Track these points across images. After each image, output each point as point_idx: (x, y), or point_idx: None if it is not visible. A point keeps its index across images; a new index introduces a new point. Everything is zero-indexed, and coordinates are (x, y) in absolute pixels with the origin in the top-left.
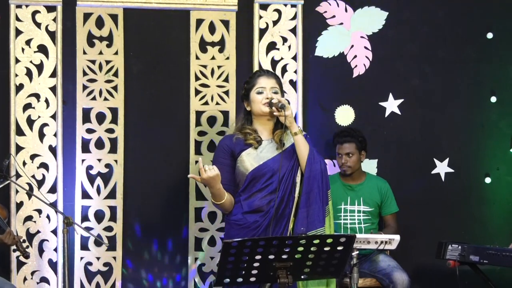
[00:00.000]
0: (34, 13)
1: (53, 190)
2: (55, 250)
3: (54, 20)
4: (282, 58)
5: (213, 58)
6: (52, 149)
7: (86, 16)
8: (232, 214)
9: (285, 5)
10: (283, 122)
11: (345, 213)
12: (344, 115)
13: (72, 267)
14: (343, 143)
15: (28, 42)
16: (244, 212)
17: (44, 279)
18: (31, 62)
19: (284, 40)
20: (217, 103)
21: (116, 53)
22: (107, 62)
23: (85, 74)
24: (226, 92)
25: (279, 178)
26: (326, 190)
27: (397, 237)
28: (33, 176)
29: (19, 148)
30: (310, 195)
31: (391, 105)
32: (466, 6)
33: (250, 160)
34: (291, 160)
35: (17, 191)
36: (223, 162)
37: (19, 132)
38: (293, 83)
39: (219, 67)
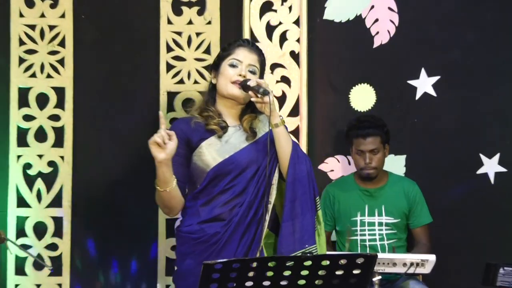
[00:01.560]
0: None
1: None
2: None
3: None
4: (280, 23)
5: (190, 22)
6: None
7: None
8: (184, 224)
9: None
10: (261, 111)
11: (362, 227)
12: (362, 98)
13: None
14: (366, 136)
15: None
16: (202, 221)
17: None
18: None
19: None
20: (196, 82)
21: (63, 15)
22: (51, 27)
23: (21, 43)
24: (207, 67)
25: (249, 177)
26: (315, 197)
27: (431, 258)
28: None
29: None
30: (296, 204)
31: (424, 84)
32: None
33: (212, 152)
34: (265, 154)
35: None
36: (176, 152)
37: None
38: (294, 56)
39: (198, 34)
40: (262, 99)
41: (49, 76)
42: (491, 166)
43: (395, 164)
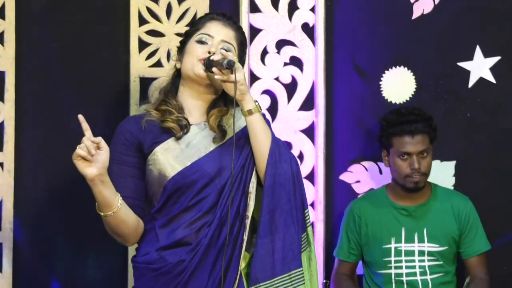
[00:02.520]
0: None
1: None
2: None
3: None
4: None
5: None
6: None
7: None
8: (140, 252)
9: None
10: (229, 93)
11: (397, 257)
12: (398, 86)
13: None
14: (414, 133)
15: None
16: (162, 247)
17: None
18: None
19: None
20: None
21: None
22: None
23: None
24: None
25: (219, 188)
26: (303, 209)
27: None
28: None
29: None
30: (276, 214)
31: (479, 66)
32: None
33: (169, 159)
34: (239, 156)
35: None
36: (124, 161)
37: None
38: (308, 30)
39: (180, 0)
40: (228, 77)
41: None
42: None
43: (441, 173)
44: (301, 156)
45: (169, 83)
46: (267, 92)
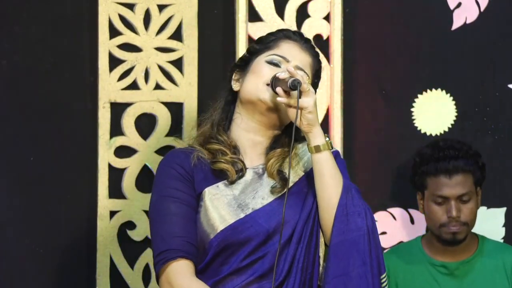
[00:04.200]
0: None
1: None
2: None
3: None
4: None
5: None
6: None
7: None
8: None
9: None
10: (297, 125)
11: None
12: (433, 113)
13: None
14: (453, 173)
15: None
16: None
17: None
18: None
19: None
20: (159, 87)
21: None
22: None
23: None
24: (178, 62)
25: (279, 247)
26: (379, 274)
27: None
28: None
29: None
30: (345, 280)
31: None
32: None
33: (219, 207)
34: (303, 206)
35: None
36: (184, 200)
37: None
38: (322, 44)
39: (161, 7)
40: (293, 100)
41: None
42: None
43: (489, 222)
44: None
45: (221, 112)
46: None
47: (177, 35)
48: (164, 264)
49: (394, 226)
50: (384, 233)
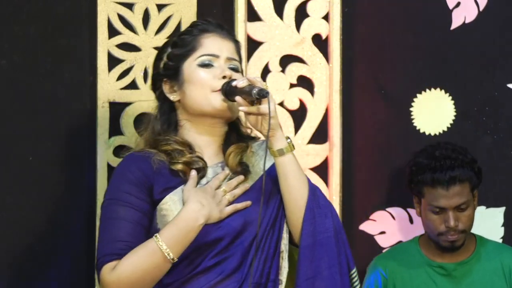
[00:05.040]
0: None
1: None
2: None
3: None
4: None
5: None
6: None
7: None
8: None
9: None
10: (256, 129)
11: None
12: (432, 113)
13: None
14: (450, 184)
15: None
16: None
17: None
18: None
19: None
20: None
21: None
22: None
23: None
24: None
25: (245, 246)
26: (349, 270)
27: None
28: None
29: None
30: (316, 283)
31: None
32: None
33: None
34: (269, 203)
35: None
36: (136, 206)
37: None
38: (320, 43)
39: (160, 6)
40: (257, 109)
41: None
42: None
43: (487, 222)
44: None
45: (161, 120)
46: None
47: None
48: (102, 268)
49: (393, 226)
50: (383, 232)
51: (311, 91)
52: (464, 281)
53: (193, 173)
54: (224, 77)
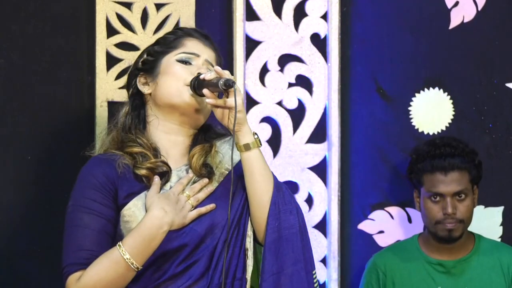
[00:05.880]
0: None
1: None
2: None
3: None
4: None
5: None
6: None
7: None
8: None
9: None
10: (222, 122)
11: None
12: (431, 112)
13: None
14: (448, 169)
15: None
16: None
17: None
18: None
19: None
20: None
21: None
22: None
23: None
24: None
25: (211, 249)
26: (311, 268)
27: None
28: None
29: None
30: (281, 278)
31: None
32: None
33: None
34: (233, 201)
35: None
36: (99, 212)
37: None
38: (319, 42)
39: (159, 6)
40: (224, 102)
41: None
42: None
43: (486, 221)
44: (310, 199)
45: (131, 117)
46: (267, 119)
47: None
48: (67, 278)
49: (391, 225)
50: (381, 232)
51: (310, 91)
52: (462, 278)
53: (156, 179)
54: (199, 74)
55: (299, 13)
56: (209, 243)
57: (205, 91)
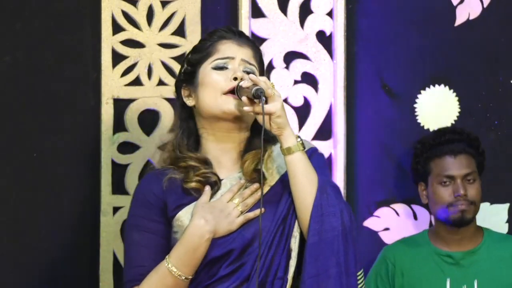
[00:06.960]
0: None
1: None
2: None
3: None
4: None
5: None
6: None
7: None
8: None
9: None
10: (268, 129)
11: None
12: (436, 109)
13: None
14: (457, 153)
15: None
16: None
17: None
18: None
19: None
20: (162, 83)
21: None
22: None
23: None
24: (181, 58)
25: (258, 253)
26: (355, 269)
27: None
28: None
29: None
30: (319, 281)
31: None
32: None
33: None
34: (280, 202)
35: None
36: (148, 228)
37: None
38: (324, 40)
39: (164, 3)
40: (255, 106)
41: None
42: None
43: (492, 218)
44: None
45: (180, 129)
46: None
47: (180, 31)
48: None
49: (397, 222)
50: (387, 229)
51: (315, 88)
52: (471, 270)
53: (207, 188)
54: (235, 78)
55: (305, 10)
56: (256, 247)
57: (244, 98)
